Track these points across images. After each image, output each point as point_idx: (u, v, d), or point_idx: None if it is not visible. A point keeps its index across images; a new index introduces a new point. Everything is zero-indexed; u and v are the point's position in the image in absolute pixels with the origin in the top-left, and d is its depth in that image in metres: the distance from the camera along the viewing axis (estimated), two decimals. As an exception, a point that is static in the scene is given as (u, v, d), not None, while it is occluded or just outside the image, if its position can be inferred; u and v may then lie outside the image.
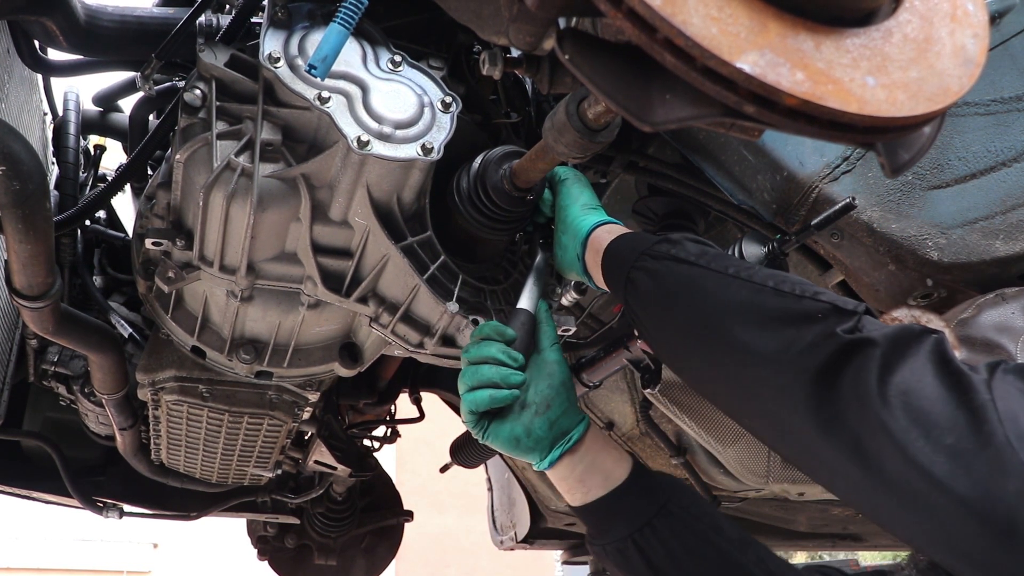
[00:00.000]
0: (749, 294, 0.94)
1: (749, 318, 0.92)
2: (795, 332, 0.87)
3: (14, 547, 10.74)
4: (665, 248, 1.05)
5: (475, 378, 1.16)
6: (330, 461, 2.45)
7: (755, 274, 0.97)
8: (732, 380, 0.94)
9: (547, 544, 3.85)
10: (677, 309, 1.01)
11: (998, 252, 1.36)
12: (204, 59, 1.35)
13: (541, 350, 1.22)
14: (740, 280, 0.96)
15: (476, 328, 1.23)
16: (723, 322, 0.94)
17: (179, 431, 2.12)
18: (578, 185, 1.35)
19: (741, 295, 0.95)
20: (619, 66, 0.79)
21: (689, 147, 1.61)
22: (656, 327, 1.05)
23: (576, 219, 1.28)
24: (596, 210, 1.30)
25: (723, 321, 0.94)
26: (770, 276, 0.96)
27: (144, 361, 1.86)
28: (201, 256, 1.46)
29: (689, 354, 1.02)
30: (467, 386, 1.17)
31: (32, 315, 1.61)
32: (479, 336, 1.21)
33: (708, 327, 0.96)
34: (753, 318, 0.92)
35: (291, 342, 1.64)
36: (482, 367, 1.16)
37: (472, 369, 1.17)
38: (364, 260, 1.42)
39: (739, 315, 0.93)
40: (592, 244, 1.23)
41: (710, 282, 0.99)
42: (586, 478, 1.16)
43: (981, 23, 0.79)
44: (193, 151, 1.37)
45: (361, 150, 1.25)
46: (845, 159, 1.42)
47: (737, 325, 0.92)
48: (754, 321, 0.91)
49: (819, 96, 0.68)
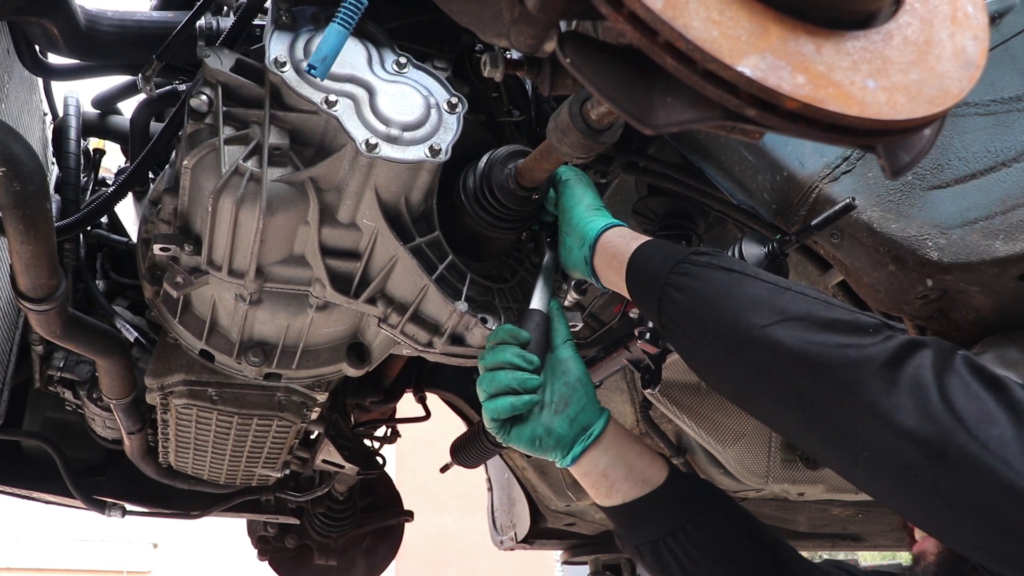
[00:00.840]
0: (803, 303, 0.93)
1: (806, 324, 0.91)
2: (854, 338, 0.87)
3: (14, 547, 10.73)
4: (705, 259, 1.03)
5: (493, 385, 1.17)
6: (338, 460, 2.45)
7: (806, 288, 0.96)
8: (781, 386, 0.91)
9: (547, 544, 3.86)
10: (728, 313, 0.97)
11: (998, 252, 1.36)
12: (210, 64, 1.35)
13: (555, 348, 1.22)
14: (792, 292, 0.95)
15: (491, 333, 1.23)
16: (781, 328, 0.92)
17: (188, 434, 2.12)
18: (581, 185, 1.35)
19: (796, 303, 0.94)
20: (620, 69, 0.79)
21: (689, 147, 1.61)
22: (699, 334, 1.01)
23: (582, 221, 1.28)
24: (601, 211, 1.30)
25: (781, 327, 0.92)
26: (818, 293, 0.96)
27: (153, 365, 1.86)
28: (210, 261, 1.47)
29: (731, 363, 0.97)
30: (487, 393, 1.18)
31: (39, 318, 1.61)
32: (494, 341, 1.21)
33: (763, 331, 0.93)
34: (810, 324, 0.90)
35: (300, 344, 1.64)
36: (499, 373, 1.17)
37: (490, 376, 1.18)
38: (372, 261, 1.42)
39: (797, 323, 0.91)
40: (603, 249, 1.22)
41: (762, 290, 0.97)
42: (610, 472, 1.16)
43: (981, 25, 0.80)
44: (201, 156, 1.37)
45: (369, 153, 1.25)
46: (845, 159, 1.42)
47: (794, 330, 0.91)
48: (811, 327, 0.90)
49: (820, 99, 0.68)
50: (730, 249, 1.56)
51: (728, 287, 0.99)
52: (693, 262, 1.04)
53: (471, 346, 1.45)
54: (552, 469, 3.20)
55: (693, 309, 1.02)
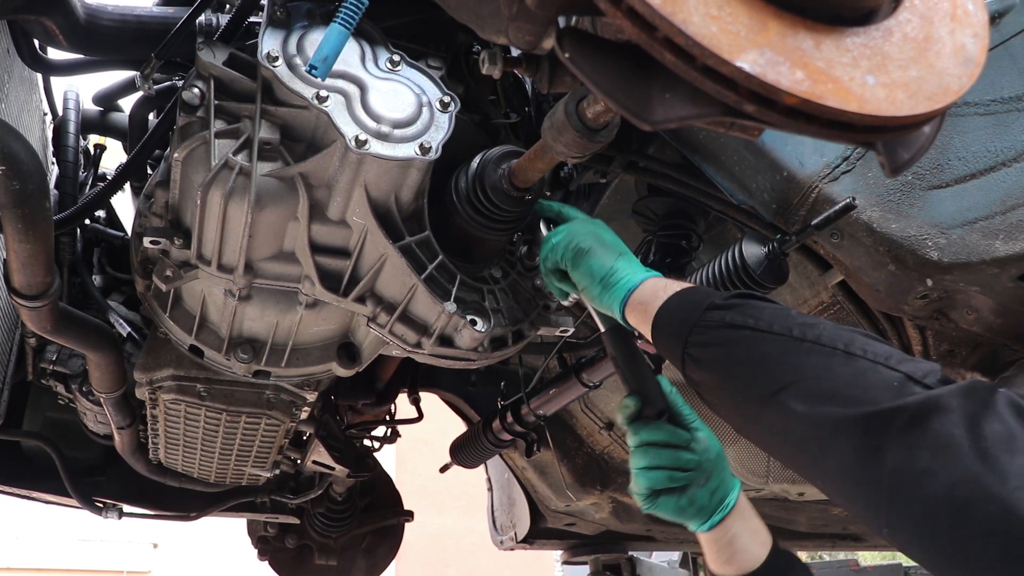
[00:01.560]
0: (819, 359, 0.92)
1: (821, 382, 0.90)
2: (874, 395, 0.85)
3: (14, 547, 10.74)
4: (719, 315, 1.03)
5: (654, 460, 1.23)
6: (328, 461, 2.44)
7: (823, 335, 0.94)
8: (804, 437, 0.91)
9: (547, 544, 3.85)
10: (741, 378, 1.00)
11: (998, 252, 1.36)
12: (202, 58, 1.35)
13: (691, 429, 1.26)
14: (808, 344, 0.94)
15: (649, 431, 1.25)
16: (793, 387, 0.92)
17: (177, 430, 2.12)
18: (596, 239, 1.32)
19: (811, 360, 0.93)
20: (619, 65, 0.79)
21: (689, 147, 1.61)
22: (718, 395, 1.05)
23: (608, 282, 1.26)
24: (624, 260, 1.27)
25: (793, 385, 0.92)
26: (839, 337, 0.93)
27: (142, 360, 1.86)
28: (199, 255, 1.46)
29: (756, 423, 1.00)
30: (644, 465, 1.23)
31: (30, 314, 1.61)
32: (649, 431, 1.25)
33: (776, 393, 0.93)
34: (825, 384, 0.90)
35: (289, 341, 1.63)
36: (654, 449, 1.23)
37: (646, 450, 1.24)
38: (362, 259, 1.42)
39: (809, 380, 0.91)
40: (632, 309, 1.22)
41: (775, 348, 0.97)
42: (735, 541, 1.24)
43: (981, 22, 0.79)
44: (191, 150, 1.37)
45: (359, 149, 1.25)
46: (845, 159, 1.42)
47: (806, 389, 0.91)
48: (827, 387, 0.89)
49: (819, 95, 0.67)
50: (730, 249, 1.56)
51: (742, 351, 1.00)
52: (708, 323, 1.04)
53: (460, 348, 1.44)
54: (552, 469, 3.19)
55: (710, 380, 1.05)
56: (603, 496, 3.23)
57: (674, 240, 1.81)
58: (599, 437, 3.03)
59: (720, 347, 1.02)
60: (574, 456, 3.13)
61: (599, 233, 1.32)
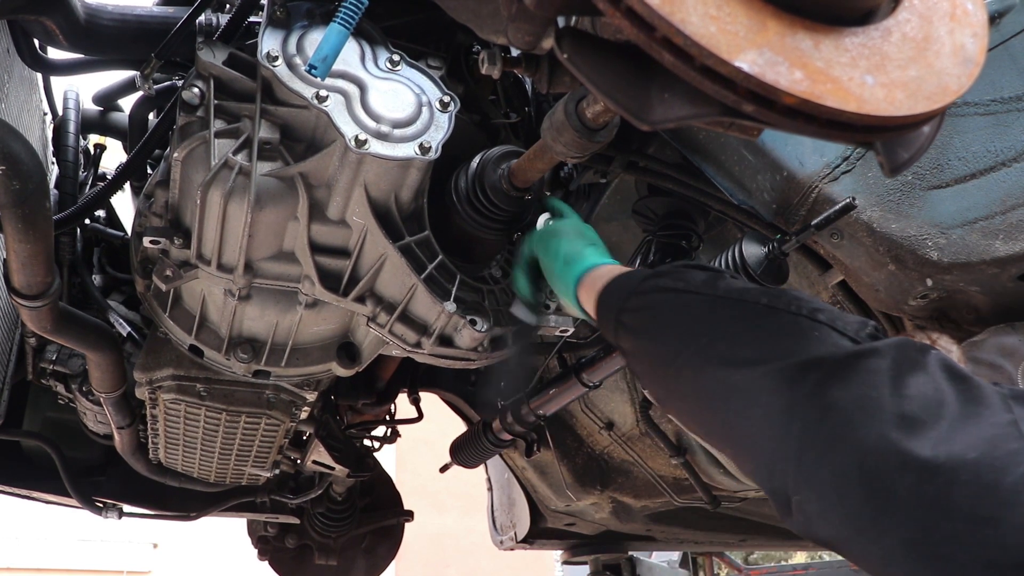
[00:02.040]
0: (739, 312, 0.89)
1: (737, 334, 0.87)
2: (789, 345, 0.81)
3: (14, 547, 10.74)
4: (652, 282, 1.01)
5: None
6: (328, 461, 2.44)
7: (747, 293, 0.91)
8: (715, 396, 0.87)
9: (547, 544, 3.85)
10: (662, 339, 0.96)
11: (998, 252, 1.36)
12: (202, 57, 1.35)
13: None
14: (731, 300, 0.91)
15: None
16: (709, 342, 0.88)
17: (177, 430, 2.12)
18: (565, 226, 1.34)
19: (730, 313, 0.90)
20: (618, 65, 0.79)
21: (689, 147, 1.61)
22: (644, 362, 1.01)
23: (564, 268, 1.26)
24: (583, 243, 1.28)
25: (709, 341, 0.88)
26: (763, 293, 0.90)
27: (142, 360, 1.86)
28: (199, 254, 1.46)
29: (676, 382, 0.94)
30: None
31: (30, 314, 1.61)
32: None
33: (693, 349, 0.90)
34: (742, 335, 0.86)
35: (289, 341, 1.63)
36: None
37: None
38: (362, 259, 1.42)
39: (726, 332, 0.88)
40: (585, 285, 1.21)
41: (696, 306, 0.94)
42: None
43: (980, 22, 0.79)
44: (191, 149, 1.37)
45: (359, 149, 1.25)
46: (845, 159, 1.41)
47: (722, 341, 0.87)
48: (743, 338, 0.85)
49: (817, 95, 0.67)
50: (730, 249, 1.56)
51: (666, 313, 0.97)
52: (642, 291, 1.02)
53: (459, 347, 1.44)
54: (552, 469, 3.19)
55: (635, 347, 1.01)
56: (603, 496, 3.23)
57: (674, 240, 1.81)
58: (599, 437, 3.03)
59: (647, 311, 0.99)
60: (574, 456, 3.13)
61: (581, 227, 1.33)
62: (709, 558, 6.74)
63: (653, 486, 3.08)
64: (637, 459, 2.97)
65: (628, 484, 3.17)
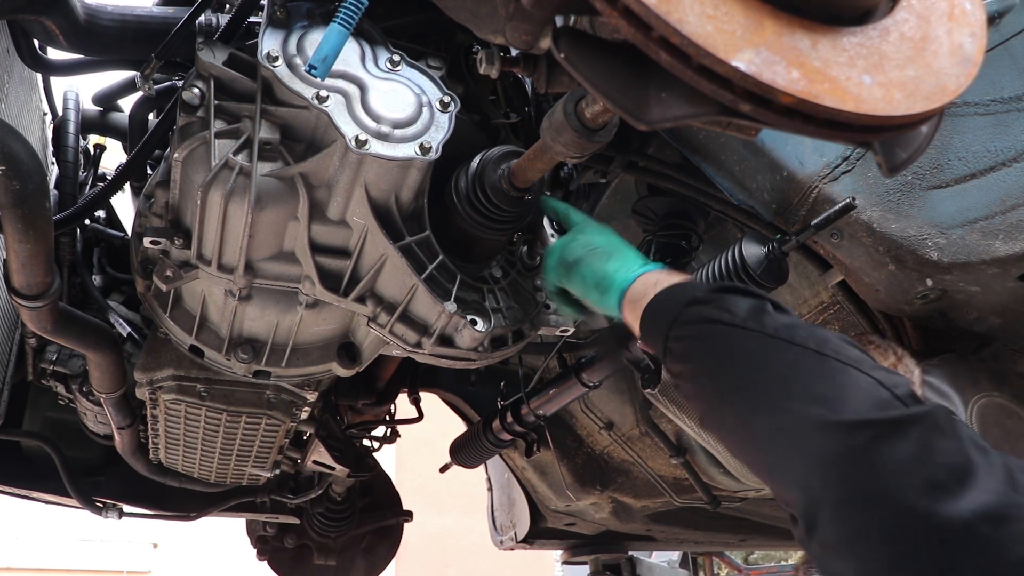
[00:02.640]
0: (789, 357, 0.94)
1: (788, 381, 0.92)
2: (840, 396, 0.87)
3: (14, 547, 10.74)
4: (696, 310, 1.05)
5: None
6: (328, 461, 2.44)
7: (795, 334, 0.96)
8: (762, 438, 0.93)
9: (547, 544, 3.85)
10: (711, 375, 1.02)
11: (998, 252, 1.36)
12: (202, 58, 1.35)
13: None
14: (780, 342, 0.96)
15: None
16: (760, 387, 0.94)
17: (177, 430, 2.12)
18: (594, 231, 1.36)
19: (780, 356, 0.95)
20: (615, 65, 0.79)
21: (689, 147, 1.61)
22: (692, 392, 1.06)
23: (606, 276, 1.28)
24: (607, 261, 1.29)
25: (760, 386, 0.94)
26: (810, 335, 0.95)
27: (142, 360, 1.85)
28: (199, 255, 1.46)
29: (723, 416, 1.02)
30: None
31: (30, 314, 1.61)
32: None
33: (743, 393, 0.96)
34: (792, 383, 0.91)
35: (289, 341, 1.63)
36: None
37: None
38: (362, 259, 1.42)
39: (776, 377, 0.93)
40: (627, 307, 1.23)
41: (746, 344, 0.98)
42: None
43: (979, 22, 0.79)
44: (191, 150, 1.37)
45: (359, 149, 1.25)
46: (845, 159, 1.41)
47: (774, 386, 0.93)
48: (794, 387, 0.91)
49: (815, 95, 0.68)
50: (730, 249, 1.56)
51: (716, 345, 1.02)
52: (687, 319, 1.06)
53: (460, 348, 1.44)
54: (552, 469, 3.19)
55: (686, 371, 1.06)
56: (603, 496, 3.23)
57: (674, 240, 1.81)
58: (599, 437, 3.03)
59: (696, 340, 1.04)
60: (574, 456, 3.13)
61: (589, 240, 1.34)
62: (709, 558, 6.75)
63: (653, 486, 3.08)
64: (637, 459, 2.98)
65: (628, 484, 3.17)
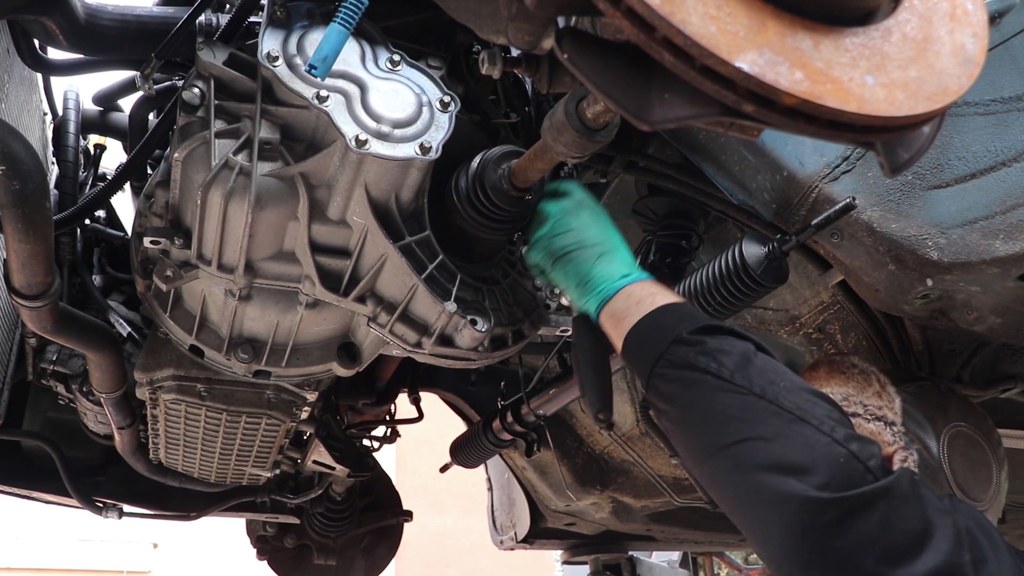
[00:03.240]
0: (773, 423, 0.98)
1: (769, 445, 0.97)
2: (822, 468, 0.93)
3: (14, 547, 10.73)
4: (684, 352, 1.07)
5: None
6: (328, 461, 2.44)
7: (781, 396, 1.00)
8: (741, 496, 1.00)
9: (547, 544, 3.85)
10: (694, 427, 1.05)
11: (998, 252, 1.36)
12: (202, 58, 1.35)
13: None
14: (765, 403, 1.00)
15: None
16: (741, 447, 0.98)
17: (177, 430, 2.12)
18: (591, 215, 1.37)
19: (764, 420, 0.99)
20: (618, 65, 0.79)
21: (689, 147, 1.61)
22: (673, 435, 1.10)
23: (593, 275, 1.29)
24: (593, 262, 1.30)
25: (741, 446, 0.99)
26: (795, 402, 0.99)
27: (142, 360, 1.85)
28: (199, 255, 1.46)
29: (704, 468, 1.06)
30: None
31: (30, 314, 1.61)
32: None
33: (725, 453, 1.00)
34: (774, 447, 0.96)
35: (289, 341, 1.63)
36: None
37: None
38: (362, 259, 1.42)
39: (759, 438, 0.98)
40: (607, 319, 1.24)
41: (730, 401, 1.02)
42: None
43: (980, 22, 0.79)
44: (191, 149, 1.36)
45: (359, 149, 1.25)
46: (845, 159, 1.41)
47: (754, 448, 0.97)
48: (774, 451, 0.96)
49: (818, 95, 0.68)
50: (730, 249, 1.56)
51: (702, 397, 1.04)
52: (673, 360, 1.08)
53: (460, 347, 1.44)
54: (552, 469, 3.19)
55: (670, 413, 1.09)
56: (603, 496, 3.23)
57: (674, 240, 1.81)
58: (599, 437, 3.03)
59: (680, 385, 1.07)
60: (574, 456, 3.13)
61: (581, 232, 1.34)
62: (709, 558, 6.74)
63: (653, 486, 3.08)
64: (637, 459, 2.97)
65: (628, 484, 3.17)
